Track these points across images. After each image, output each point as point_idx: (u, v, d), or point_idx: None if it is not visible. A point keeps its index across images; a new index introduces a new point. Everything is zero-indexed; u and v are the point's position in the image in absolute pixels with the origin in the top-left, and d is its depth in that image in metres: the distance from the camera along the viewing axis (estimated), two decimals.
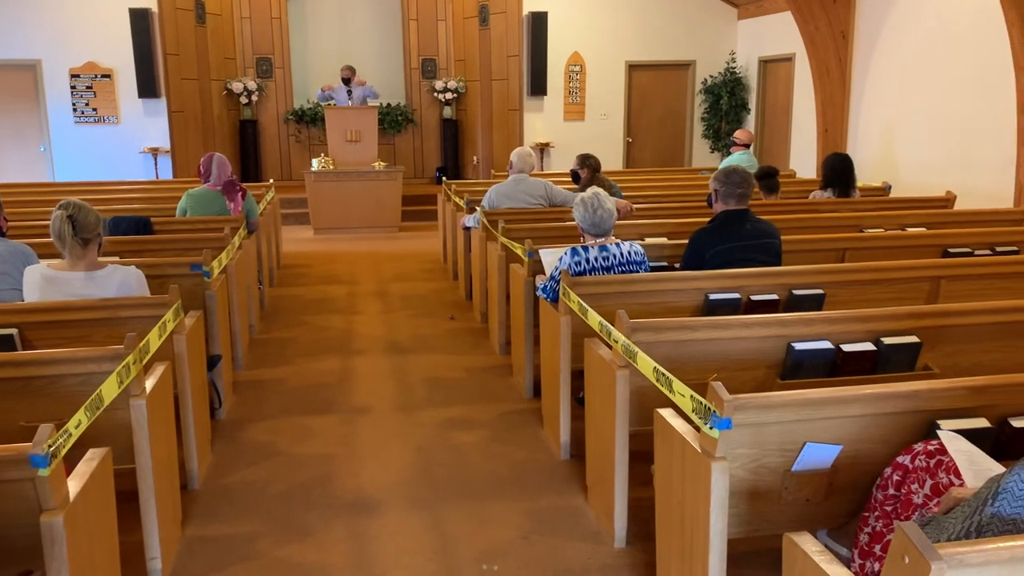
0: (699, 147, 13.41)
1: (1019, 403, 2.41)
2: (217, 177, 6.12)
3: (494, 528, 3.38)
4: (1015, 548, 1.49)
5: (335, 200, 10.31)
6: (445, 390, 4.97)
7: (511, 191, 6.28)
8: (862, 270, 4.12)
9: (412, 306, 6.94)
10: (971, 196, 7.39)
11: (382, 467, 3.95)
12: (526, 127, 12.43)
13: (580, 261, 4.00)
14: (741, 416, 2.25)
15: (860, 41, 9.92)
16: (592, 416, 3.48)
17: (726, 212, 4.20)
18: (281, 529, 3.40)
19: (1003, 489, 1.67)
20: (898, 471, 2.19)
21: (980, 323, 3.33)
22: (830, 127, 10.26)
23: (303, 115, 12.73)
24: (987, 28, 7.66)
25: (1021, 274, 4.33)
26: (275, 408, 4.71)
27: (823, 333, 3.13)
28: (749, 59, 12.70)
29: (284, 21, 12.64)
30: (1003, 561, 1.48)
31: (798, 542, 1.90)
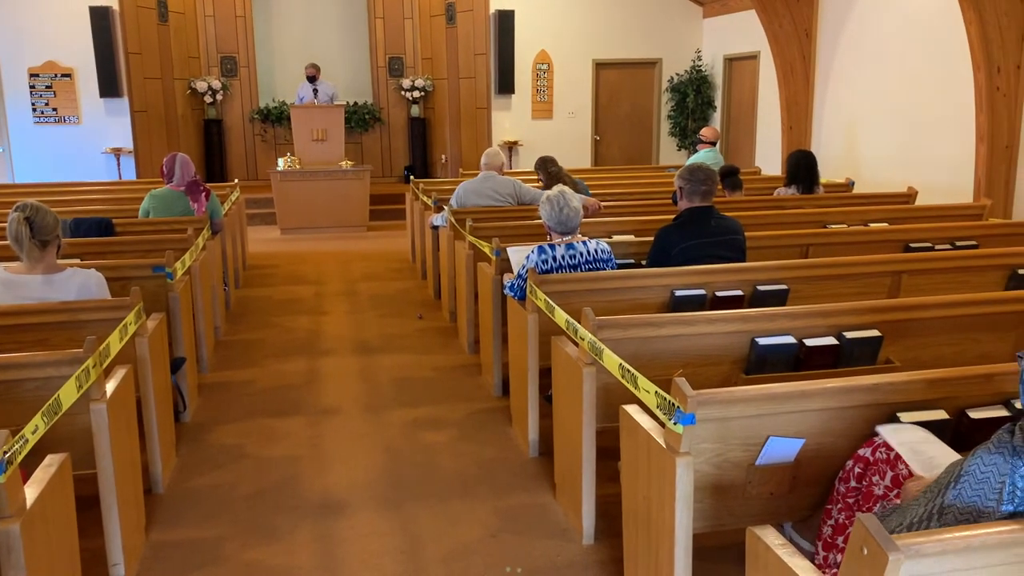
0: (666, 145, 13.49)
1: (977, 395, 2.45)
2: (180, 177, 6.04)
3: (462, 527, 3.38)
4: (970, 538, 1.51)
5: (302, 200, 10.23)
6: (413, 390, 4.95)
7: (479, 188, 6.28)
8: (825, 265, 4.17)
9: (380, 306, 6.91)
10: (932, 192, 7.52)
11: (350, 468, 3.93)
12: (494, 125, 12.42)
13: (547, 259, 4.01)
14: (705, 411, 2.27)
15: (823, 39, 10.04)
16: (559, 413, 3.48)
17: (691, 209, 4.23)
18: (248, 532, 3.37)
19: (965, 472, 1.70)
20: (859, 463, 2.21)
21: (940, 317, 3.38)
22: (794, 124, 10.38)
23: (269, 114, 12.61)
24: (947, 27, 7.78)
25: (980, 268, 4.40)
26: (241, 410, 4.66)
27: (786, 328, 3.16)
28: (715, 57, 12.80)
29: (248, 19, 12.51)
30: (958, 550, 1.50)
31: (761, 535, 1.92)
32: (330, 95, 10.97)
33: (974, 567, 1.53)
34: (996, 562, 1.53)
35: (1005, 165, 7.32)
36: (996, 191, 7.27)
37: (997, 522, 1.58)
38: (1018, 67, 7.16)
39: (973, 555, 1.52)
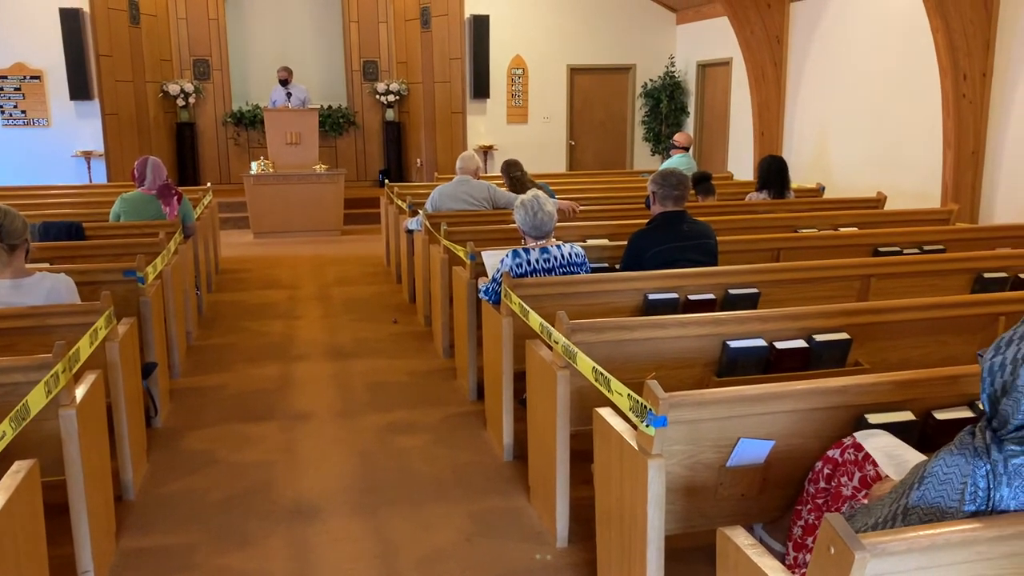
0: (640, 150, 13.58)
1: (942, 396, 2.49)
2: (152, 181, 5.99)
3: (437, 532, 3.38)
4: (934, 536, 1.54)
5: (275, 203, 10.18)
6: (388, 394, 4.94)
7: (454, 192, 6.29)
8: (796, 269, 4.22)
9: (354, 310, 6.89)
10: (900, 196, 7.63)
11: (323, 473, 3.91)
12: (469, 130, 12.44)
13: (521, 263, 4.02)
14: (676, 413, 2.29)
15: (794, 46, 10.16)
16: (534, 417, 3.49)
17: (663, 214, 4.26)
18: (220, 538, 3.34)
19: (928, 473, 1.73)
20: (828, 464, 2.24)
21: (908, 319, 3.43)
22: (766, 130, 10.49)
23: (242, 117, 12.53)
24: (915, 34, 7.91)
25: (947, 272, 4.48)
26: (214, 416, 4.63)
27: (757, 331, 3.20)
28: (688, 63, 12.91)
29: (222, 22, 12.43)
30: (923, 548, 1.53)
31: (731, 536, 1.94)
32: (302, 99, 10.94)
33: (938, 565, 1.56)
34: (959, 560, 1.56)
35: (972, 171, 7.45)
36: (963, 196, 7.40)
37: (960, 521, 1.61)
38: (984, 74, 7.29)
39: (937, 553, 1.55)
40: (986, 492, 1.64)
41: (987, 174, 7.43)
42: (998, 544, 1.58)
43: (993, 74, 7.27)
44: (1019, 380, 1.64)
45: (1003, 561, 1.60)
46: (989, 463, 1.66)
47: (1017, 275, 4.43)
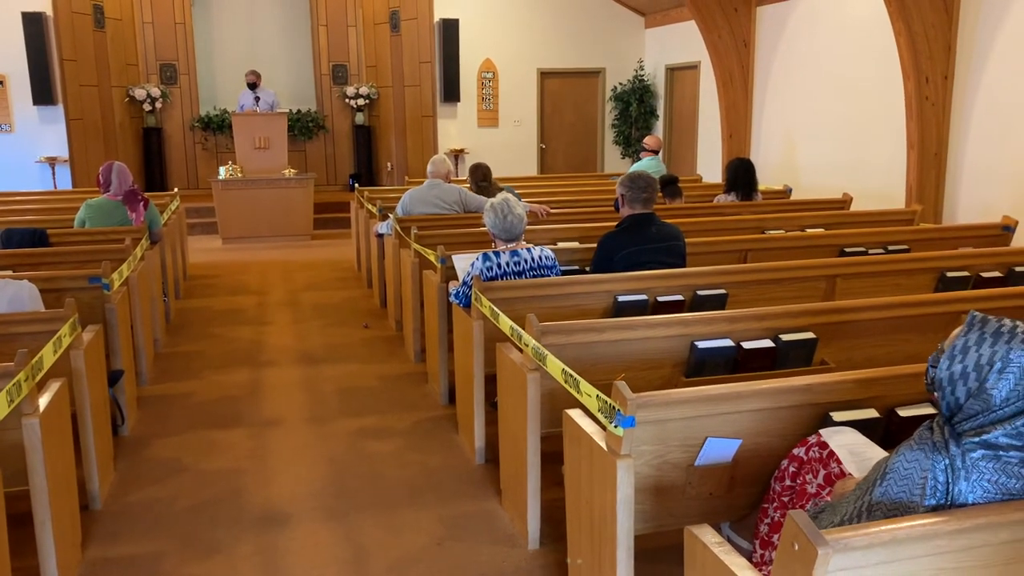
0: (611, 153, 13.65)
1: (905, 393, 2.53)
2: (117, 187, 5.92)
3: (408, 536, 3.37)
4: (895, 530, 1.57)
5: (244, 208, 10.09)
6: (358, 399, 4.91)
7: (425, 196, 6.27)
8: (763, 270, 4.26)
9: (325, 315, 6.85)
10: (866, 197, 7.73)
11: (293, 480, 3.88)
12: (440, 133, 12.44)
13: (492, 266, 4.02)
14: (644, 414, 2.30)
15: (761, 49, 10.28)
16: (505, 420, 3.50)
17: (632, 216, 4.29)
18: (188, 547, 3.31)
19: (890, 469, 1.76)
20: (794, 463, 2.27)
21: (873, 318, 3.49)
22: (734, 132, 10.59)
23: (210, 122, 12.42)
24: (878, 37, 8.03)
25: (911, 271, 4.55)
26: (181, 423, 4.58)
27: (724, 332, 3.23)
28: (657, 67, 13.00)
29: (188, 26, 12.30)
30: (885, 543, 1.56)
31: (698, 535, 1.96)
32: (271, 103, 10.87)
33: (899, 559, 1.59)
34: (920, 553, 1.59)
35: (935, 172, 7.58)
36: (926, 197, 7.52)
37: (920, 515, 1.64)
38: (945, 77, 7.42)
39: (898, 547, 1.57)
40: (945, 486, 1.67)
41: (950, 175, 7.56)
42: (957, 537, 1.61)
43: (954, 77, 7.40)
44: (987, 383, 1.67)
45: (962, 554, 1.63)
46: (948, 458, 1.69)
47: (979, 274, 4.51)
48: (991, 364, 1.68)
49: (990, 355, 1.68)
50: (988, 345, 1.69)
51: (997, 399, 1.67)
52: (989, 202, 7.09)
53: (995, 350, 1.68)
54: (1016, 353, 1.66)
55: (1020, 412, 1.66)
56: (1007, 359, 1.67)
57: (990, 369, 1.67)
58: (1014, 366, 1.66)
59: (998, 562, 1.67)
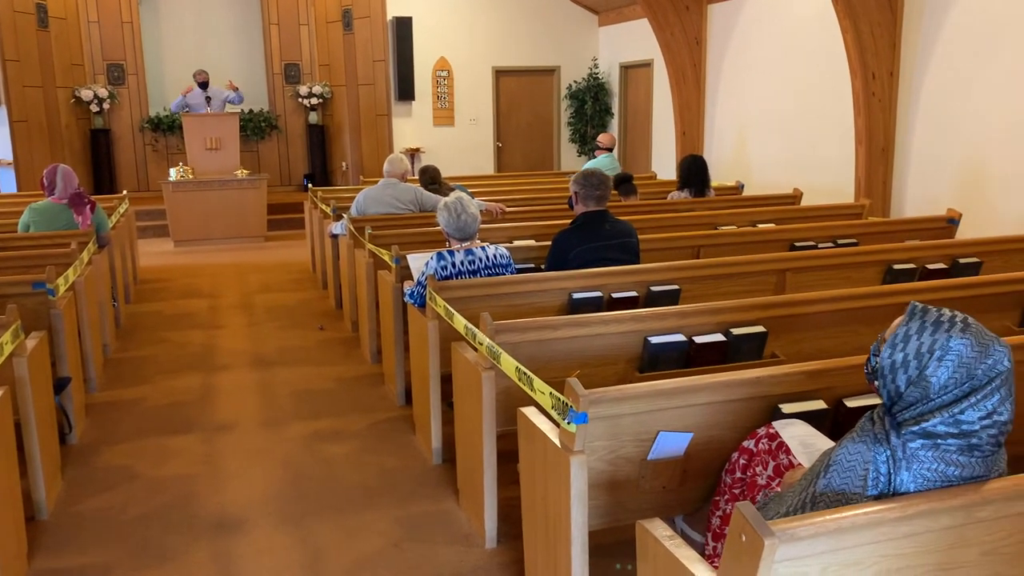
0: (567, 151, 13.70)
1: (853, 384, 2.57)
2: (63, 189, 5.78)
3: (364, 538, 3.34)
4: (840, 519, 1.59)
5: (196, 210, 9.93)
6: (314, 402, 4.86)
7: (380, 196, 6.23)
8: (715, 265, 4.30)
9: (279, 318, 6.77)
10: (816, 193, 7.87)
11: (247, 485, 3.83)
12: (396, 132, 12.37)
13: (446, 265, 4.01)
14: (597, 410, 2.31)
15: (712, 47, 10.39)
16: (461, 419, 3.48)
17: (586, 213, 4.30)
18: (139, 555, 3.24)
19: (833, 462, 1.79)
20: (744, 455, 2.30)
21: (822, 311, 3.54)
22: (687, 130, 10.69)
23: (160, 123, 12.20)
24: (826, 35, 8.17)
25: (859, 264, 4.63)
26: (132, 430, 4.49)
27: (677, 327, 3.25)
28: (611, 65, 13.07)
29: (136, 25, 12.07)
30: (830, 532, 1.58)
31: (650, 529, 1.97)
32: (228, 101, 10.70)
33: (845, 547, 1.61)
34: (864, 541, 1.62)
35: (882, 166, 7.73)
36: (874, 191, 7.67)
37: (864, 504, 1.67)
38: (891, 73, 7.57)
39: (843, 536, 1.60)
40: (887, 477, 1.71)
41: (897, 169, 7.72)
42: (900, 524, 1.64)
43: (900, 73, 7.56)
44: (927, 371, 1.71)
45: (905, 541, 1.66)
46: (889, 449, 1.72)
47: (925, 266, 4.61)
48: (931, 352, 1.71)
49: (930, 343, 1.72)
50: (928, 334, 1.73)
51: (935, 386, 1.70)
52: (935, 196, 7.25)
53: (935, 338, 1.72)
54: (955, 341, 1.70)
55: (956, 400, 1.69)
56: (946, 347, 1.70)
57: (930, 357, 1.71)
58: (953, 354, 1.70)
59: (940, 547, 1.70)
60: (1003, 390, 1.69)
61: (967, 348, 1.70)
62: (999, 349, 1.71)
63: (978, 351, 1.70)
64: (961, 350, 1.69)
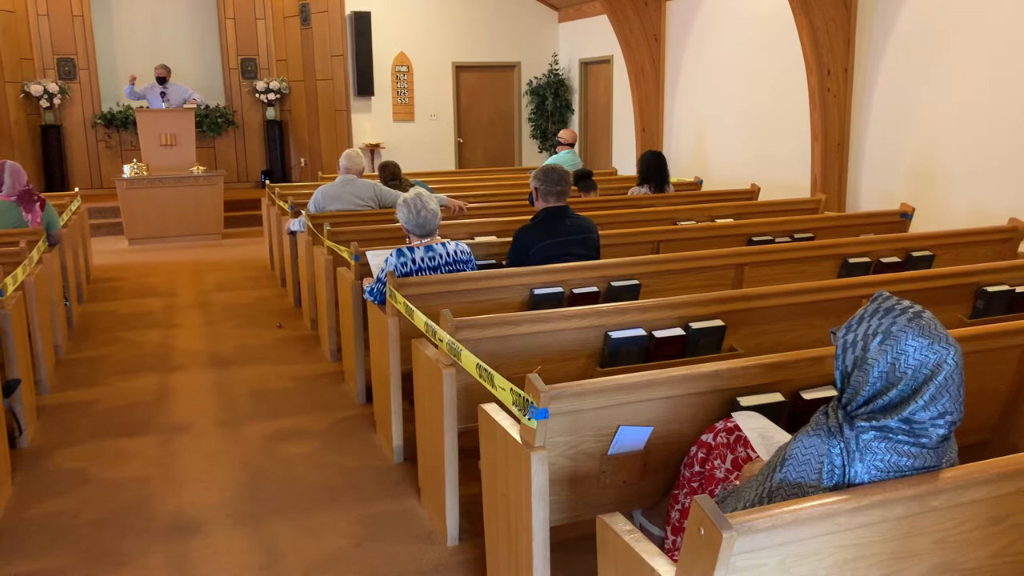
0: (528, 147, 13.70)
1: (809, 377, 2.60)
2: (11, 187, 5.63)
3: (325, 538, 3.30)
4: (797, 511, 1.61)
5: (151, 208, 9.76)
6: (273, 401, 4.80)
7: (338, 192, 6.16)
8: (674, 260, 4.33)
9: (237, 316, 6.67)
10: (773, 188, 7.96)
11: (204, 486, 3.77)
12: (355, 128, 12.26)
13: (406, 262, 3.98)
14: (557, 405, 2.31)
15: (671, 44, 10.46)
16: (422, 416, 3.46)
17: (547, 209, 4.30)
18: (92, 560, 3.17)
19: (788, 456, 1.80)
20: (702, 449, 2.31)
21: (779, 305, 3.57)
22: (647, 126, 10.76)
23: (113, 119, 11.95)
24: (782, 32, 8.27)
25: (816, 258, 4.69)
26: (85, 432, 4.39)
27: (637, 321, 3.26)
28: (571, 61, 13.10)
29: (87, 19, 11.79)
30: (787, 524, 1.59)
31: (609, 523, 1.97)
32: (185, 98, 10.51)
33: (802, 538, 1.62)
34: (820, 532, 1.63)
35: (838, 162, 7.85)
36: (830, 186, 7.79)
37: (819, 495, 1.68)
38: (845, 70, 7.69)
39: (800, 527, 1.61)
40: (842, 469, 1.73)
41: (852, 164, 7.84)
42: (856, 515, 1.66)
43: (854, 69, 7.68)
44: (869, 353, 1.74)
45: (861, 531, 1.68)
46: (842, 441, 1.74)
47: (879, 259, 4.69)
48: (875, 335, 1.74)
49: (876, 326, 1.75)
50: (879, 317, 1.76)
51: (875, 371, 1.72)
52: (888, 190, 7.38)
53: (882, 322, 1.75)
54: (899, 328, 1.73)
55: (904, 400, 1.71)
56: (889, 332, 1.73)
57: (873, 339, 1.74)
58: (892, 339, 1.72)
59: (894, 537, 1.73)
60: (951, 389, 1.71)
61: (909, 336, 1.71)
62: (945, 347, 1.71)
63: (921, 342, 1.71)
64: (902, 336, 1.71)
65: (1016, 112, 6.18)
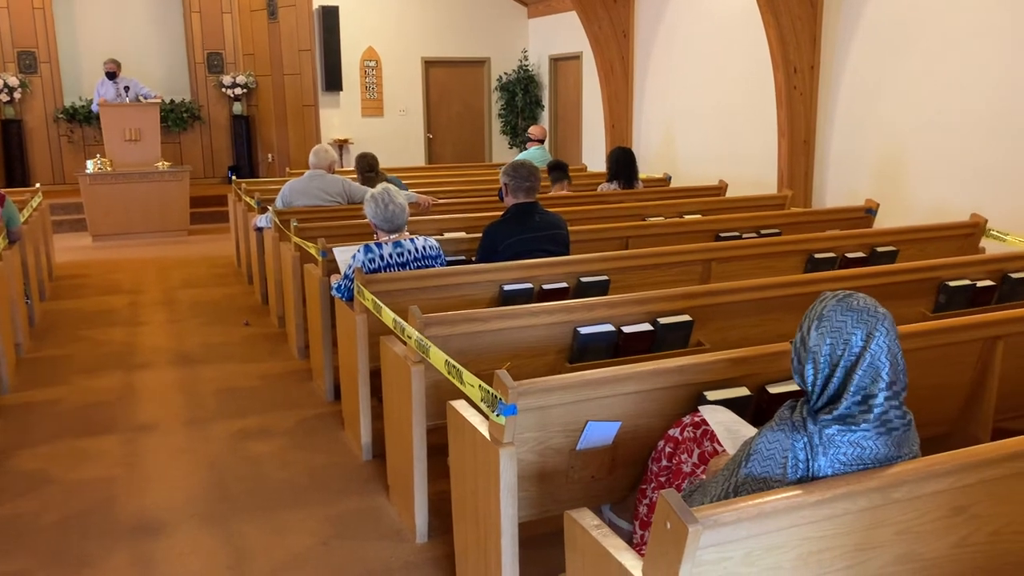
0: (498, 143, 13.68)
1: (774, 371, 2.62)
2: None
3: (292, 537, 3.28)
4: (761, 505, 1.62)
5: (115, 204, 9.60)
6: (239, 400, 4.75)
7: (306, 188, 6.11)
8: (643, 256, 4.35)
9: (203, 314, 6.59)
10: (741, 184, 8.02)
11: (170, 486, 3.72)
12: (323, 123, 12.17)
13: (374, 258, 3.95)
14: (525, 401, 2.30)
15: (640, 40, 10.49)
16: (390, 414, 3.44)
17: (516, 205, 4.30)
18: (55, 562, 3.12)
19: (753, 451, 1.82)
20: (669, 443, 2.32)
21: (746, 300, 3.60)
22: (617, 122, 10.78)
23: (75, 113, 11.74)
24: (750, 29, 8.33)
25: (782, 254, 4.73)
26: (47, 432, 4.31)
27: (605, 317, 3.27)
28: (541, 57, 13.09)
29: (48, 12, 11.57)
30: (752, 518, 1.60)
31: (577, 519, 1.97)
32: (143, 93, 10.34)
33: (767, 531, 1.64)
34: (785, 525, 1.65)
35: (804, 158, 7.93)
36: (796, 182, 7.86)
37: (784, 488, 1.70)
38: (812, 67, 7.76)
39: (765, 521, 1.62)
40: (806, 463, 1.75)
41: (818, 161, 7.92)
42: (820, 508, 1.67)
43: (820, 67, 7.76)
44: (811, 342, 1.80)
45: (825, 523, 1.70)
46: (806, 436, 1.76)
47: (844, 255, 4.74)
48: (811, 322, 1.83)
49: (811, 315, 1.84)
50: (812, 309, 1.85)
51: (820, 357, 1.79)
52: (854, 187, 7.47)
53: (815, 309, 1.84)
54: (828, 308, 1.82)
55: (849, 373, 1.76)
56: (820, 315, 1.82)
57: (810, 327, 1.82)
58: (825, 320, 1.80)
59: (858, 528, 1.75)
60: (889, 356, 1.77)
61: (838, 313, 1.79)
62: (873, 316, 1.78)
63: (850, 316, 1.78)
64: (832, 316, 1.79)
65: (978, 109, 6.29)
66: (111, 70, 10.27)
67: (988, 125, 6.22)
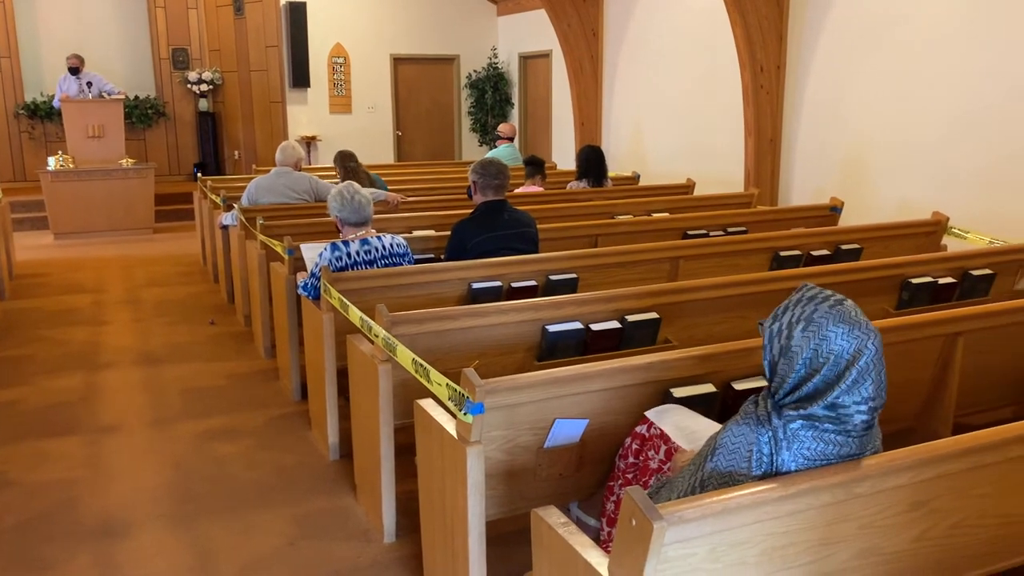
0: (468, 140, 13.65)
1: (740, 368, 2.64)
2: None
3: (258, 538, 3.24)
4: (726, 501, 1.63)
5: (77, 202, 9.44)
6: (205, 400, 4.69)
7: (273, 185, 6.05)
8: (611, 254, 4.36)
9: (168, 313, 6.50)
10: (708, 182, 8.08)
11: (133, 487, 3.66)
12: (290, 120, 12.07)
13: (341, 256, 3.92)
14: (493, 399, 2.30)
15: (609, 39, 10.53)
16: (358, 413, 3.42)
17: (486, 203, 4.29)
18: (14, 566, 3.06)
19: (719, 445, 1.83)
20: (636, 440, 2.33)
21: (712, 297, 3.63)
22: (586, 121, 10.81)
23: (36, 109, 11.53)
24: (717, 28, 8.39)
25: (748, 251, 4.77)
26: (7, 434, 4.23)
27: (574, 315, 3.28)
28: (510, 55, 13.09)
29: (8, 5, 11.35)
30: (717, 513, 1.61)
31: (544, 516, 1.97)
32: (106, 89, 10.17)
33: (732, 527, 1.65)
34: (749, 520, 1.66)
35: (770, 156, 8.01)
36: (763, 180, 7.94)
37: (748, 484, 1.71)
38: (778, 67, 7.84)
39: (730, 516, 1.63)
40: (770, 457, 1.76)
41: (784, 160, 8.01)
42: (784, 503, 1.69)
43: (786, 66, 7.84)
44: (793, 341, 1.78)
45: (788, 518, 1.71)
46: (771, 430, 1.77)
47: (809, 252, 4.79)
48: (799, 322, 1.78)
49: (799, 314, 1.79)
50: (802, 306, 1.80)
51: (800, 359, 1.76)
52: (819, 185, 7.56)
53: (804, 310, 1.79)
54: (820, 314, 1.77)
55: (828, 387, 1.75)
56: (811, 319, 1.77)
57: (796, 327, 1.78)
58: (815, 325, 1.76)
59: (821, 523, 1.77)
60: (873, 375, 1.75)
61: (830, 322, 1.75)
62: (865, 333, 1.75)
63: (842, 328, 1.75)
64: (824, 323, 1.76)
65: (940, 109, 6.39)
66: (74, 65, 10.09)
67: (951, 125, 6.33)
